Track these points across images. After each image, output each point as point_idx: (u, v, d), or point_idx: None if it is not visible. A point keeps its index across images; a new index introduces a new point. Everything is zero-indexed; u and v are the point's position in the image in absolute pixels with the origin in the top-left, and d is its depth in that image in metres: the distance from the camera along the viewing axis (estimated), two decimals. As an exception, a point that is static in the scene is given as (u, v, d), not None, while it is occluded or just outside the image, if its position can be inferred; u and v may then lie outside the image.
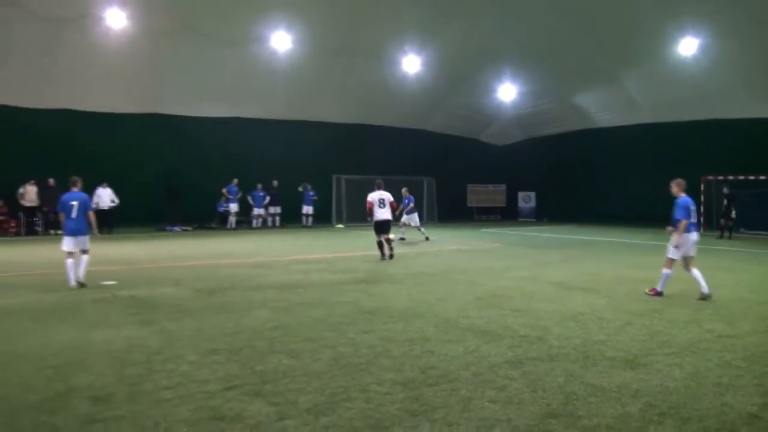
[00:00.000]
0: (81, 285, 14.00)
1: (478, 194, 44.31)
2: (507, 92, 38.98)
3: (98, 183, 29.88)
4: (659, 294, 12.29)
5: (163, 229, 31.69)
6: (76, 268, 14.14)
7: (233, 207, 33.88)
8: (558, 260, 18.92)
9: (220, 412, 6.10)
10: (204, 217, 33.83)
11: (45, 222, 29.64)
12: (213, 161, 34.03)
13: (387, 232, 19.43)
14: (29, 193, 29.40)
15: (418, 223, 27.79)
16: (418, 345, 8.62)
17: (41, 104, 30.67)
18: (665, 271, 12.32)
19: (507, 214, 43.65)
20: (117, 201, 30.37)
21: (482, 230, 32.77)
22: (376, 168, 35.38)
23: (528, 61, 34.49)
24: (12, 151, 29.80)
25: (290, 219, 35.32)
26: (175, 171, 32.89)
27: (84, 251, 14.53)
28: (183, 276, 15.55)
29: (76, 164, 28.09)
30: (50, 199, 27.54)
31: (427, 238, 26.66)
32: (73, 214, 14.41)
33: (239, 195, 33.96)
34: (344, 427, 5.69)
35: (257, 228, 34.19)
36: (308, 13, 30.29)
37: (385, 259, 18.79)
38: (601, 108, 37.21)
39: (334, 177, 35.96)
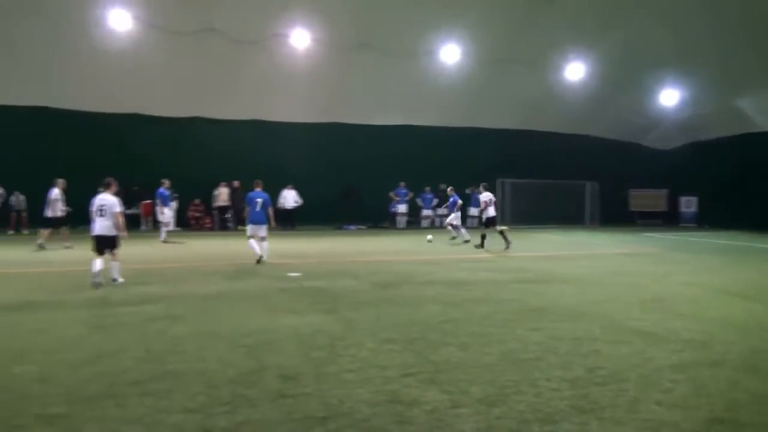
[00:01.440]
0: (260, 260, 17.01)
1: (640, 198, 42.45)
2: (669, 97, 37.19)
3: (284, 185, 31.49)
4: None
5: (340, 228, 32.71)
6: (260, 248, 17.16)
7: (402, 208, 34.49)
8: (719, 266, 17.86)
9: (398, 396, 6.23)
10: (377, 217, 34.67)
11: (236, 219, 31.39)
12: (386, 165, 34.69)
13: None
14: (222, 194, 31.56)
15: (459, 225, 25.86)
16: (585, 344, 8.41)
17: (232, 116, 32.67)
18: None
19: (668, 219, 41.64)
20: (300, 201, 31.87)
21: (644, 235, 31.46)
22: (539, 172, 34.84)
23: (690, 66, 32.78)
24: (207, 156, 31.73)
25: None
26: (352, 174, 33.92)
27: (263, 238, 17.40)
28: (360, 270, 15.94)
29: (263, 169, 29.85)
30: (238, 199, 29.42)
31: (466, 241, 24.59)
32: (257, 208, 17.40)
33: (409, 197, 34.48)
34: (515, 419, 5.66)
35: (426, 228, 34.53)
36: (475, 26, 30.33)
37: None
38: (764, 112, 34.80)
39: (499, 180, 35.67)
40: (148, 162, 29.82)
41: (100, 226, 13.37)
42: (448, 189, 25.84)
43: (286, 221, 32.04)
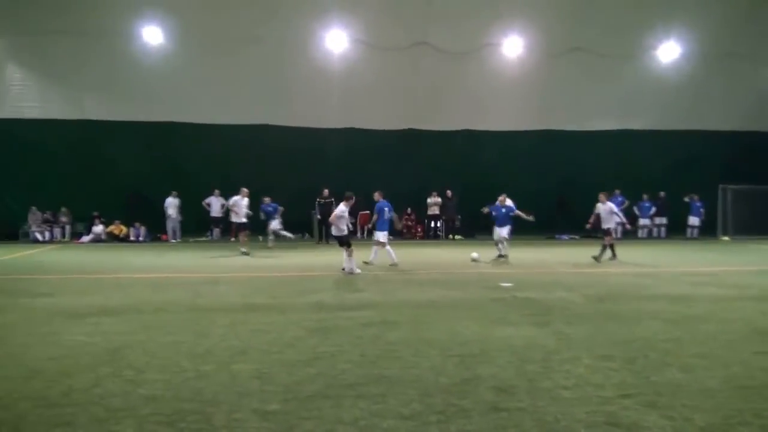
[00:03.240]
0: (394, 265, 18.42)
1: None
2: None
3: (499, 193, 31.36)
4: None
5: (553, 237, 31.99)
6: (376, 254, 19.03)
7: (617, 218, 33.04)
8: None
9: (615, 418, 5.91)
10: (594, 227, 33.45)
11: (445, 228, 31.70)
12: (601, 172, 33.46)
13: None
14: (434, 204, 32.04)
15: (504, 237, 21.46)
16: (827, 372, 7.58)
17: (445, 126, 33.05)
18: None
19: None
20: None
21: None
22: (765, 177, 32.09)
23: None
24: (418, 167, 32.31)
25: (676, 230, 33.48)
26: (566, 182, 33.09)
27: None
28: (573, 282, 15.48)
29: (475, 177, 29.96)
30: (448, 208, 29.77)
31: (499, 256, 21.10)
32: (384, 217, 19.02)
33: (625, 205, 33.07)
34: (744, 452, 5.18)
35: (642, 238, 32.96)
36: (696, 19, 28.63)
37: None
38: None
39: (720, 187, 33.21)
40: (360, 172, 30.95)
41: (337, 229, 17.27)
42: (500, 197, 22.25)
43: None
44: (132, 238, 30.45)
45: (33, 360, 8.19)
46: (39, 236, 29.91)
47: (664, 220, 33.70)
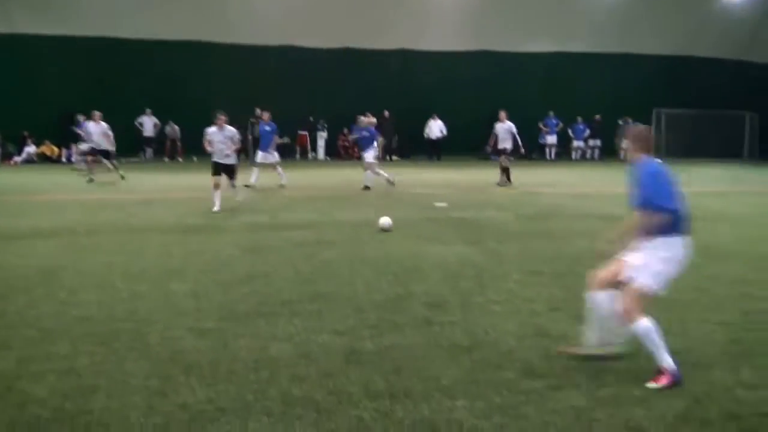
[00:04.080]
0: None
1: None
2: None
3: (429, 115, 31.51)
4: None
5: (488, 158, 32.07)
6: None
7: (551, 139, 33.47)
8: None
9: (545, 330, 6.10)
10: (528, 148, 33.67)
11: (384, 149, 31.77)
12: (534, 95, 33.51)
13: None
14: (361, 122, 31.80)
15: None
16: (737, 287, 7.91)
17: (382, 45, 32.60)
18: None
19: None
20: (445, 132, 31.66)
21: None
22: (696, 102, 32.72)
23: None
24: (357, 88, 31.87)
25: (610, 153, 33.91)
26: (499, 104, 32.94)
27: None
28: (506, 202, 15.72)
29: (410, 99, 29.84)
30: (387, 129, 29.57)
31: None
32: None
33: (559, 128, 33.44)
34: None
35: (576, 160, 33.47)
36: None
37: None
38: None
39: (655, 111, 33.71)
40: (299, 92, 30.51)
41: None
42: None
43: (431, 152, 31.91)
44: (64, 160, 29.58)
45: (-38, 282, 8.00)
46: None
47: (598, 143, 34.16)
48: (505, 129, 20.59)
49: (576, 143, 34.10)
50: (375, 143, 18.91)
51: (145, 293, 7.38)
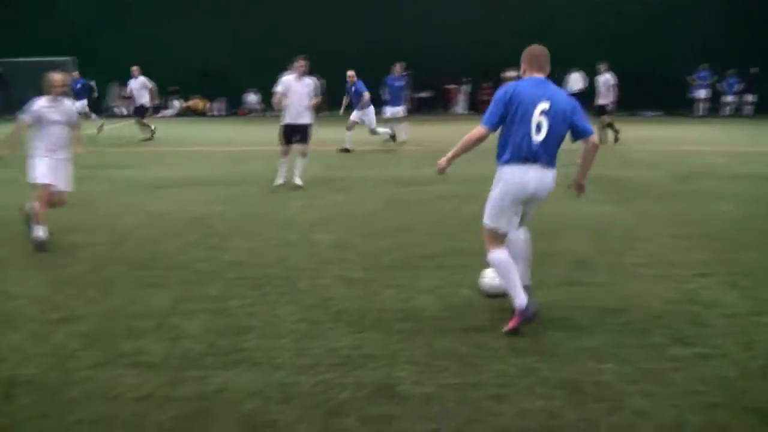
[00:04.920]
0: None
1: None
2: None
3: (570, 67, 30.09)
4: None
5: (634, 114, 30.83)
6: None
7: (702, 93, 31.57)
8: None
9: (694, 296, 5.84)
10: (674, 103, 32.04)
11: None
12: (684, 46, 31.40)
13: None
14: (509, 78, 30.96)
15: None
16: None
17: None
18: None
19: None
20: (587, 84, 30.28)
21: None
22: None
23: None
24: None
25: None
26: (648, 56, 31.30)
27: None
28: (656, 160, 15.11)
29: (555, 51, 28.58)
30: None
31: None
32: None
33: (712, 80, 31.44)
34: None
35: (727, 116, 31.49)
36: None
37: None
38: None
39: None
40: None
41: None
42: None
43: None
44: (210, 113, 30.91)
45: (120, 227, 8.62)
46: (121, 111, 30.60)
47: (753, 98, 31.97)
48: (603, 83, 19.09)
49: (728, 98, 32.00)
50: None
51: (292, 242, 7.69)
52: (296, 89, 11.33)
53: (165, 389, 4.13)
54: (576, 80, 29.77)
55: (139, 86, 20.06)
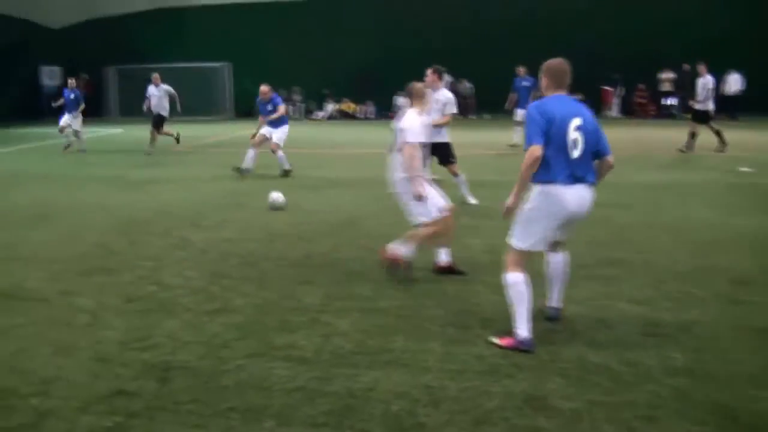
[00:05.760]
0: None
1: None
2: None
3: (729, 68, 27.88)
4: None
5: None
6: None
7: None
8: None
9: None
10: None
11: (681, 106, 28.94)
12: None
13: None
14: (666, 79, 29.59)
15: None
16: None
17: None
18: None
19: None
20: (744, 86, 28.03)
21: None
22: None
23: None
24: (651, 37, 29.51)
25: None
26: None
27: None
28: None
29: (708, 49, 26.53)
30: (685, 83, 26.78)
31: None
32: None
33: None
34: None
35: None
36: None
37: None
38: None
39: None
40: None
41: None
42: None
43: (729, 109, 28.03)
44: (361, 116, 31.51)
45: (273, 225, 8.91)
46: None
47: None
48: (701, 85, 17.05)
49: None
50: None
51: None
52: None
53: (315, 383, 4.22)
54: (735, 81, 27.75)
55: (161, 94, 18.36)
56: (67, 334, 5.19)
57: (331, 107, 31.80)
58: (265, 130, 13.80)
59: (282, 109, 13.87)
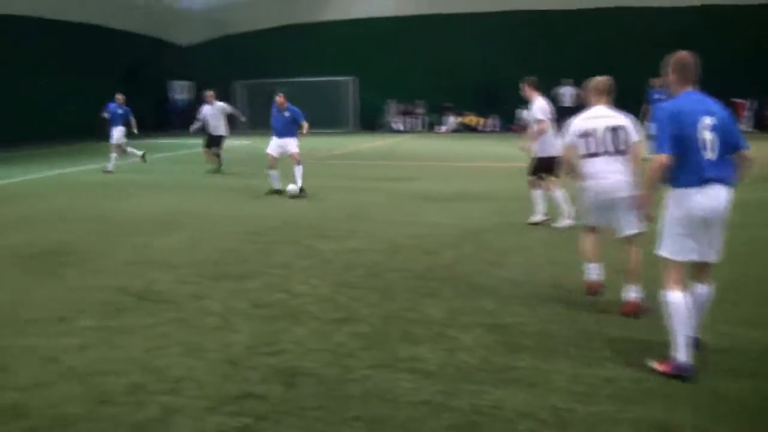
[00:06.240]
0: None
1: None
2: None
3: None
4: None
5: None
6: None
7: None
8: None
9: None
10: None
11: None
12: None
13: None
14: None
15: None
16: None
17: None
18: None
19: None
20: None
21: None
22: None
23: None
24: None
25: None
26: None
27: None
28: None
29: None
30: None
31: None
32: None
33: None
34: None
35: None
36: None
37: None
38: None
39: None
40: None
41: None
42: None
43: None
44: (484, 129, 31.33)
45: (397, 236, 8.94)
46: (397, 126, 32.08)
47: None
48: None
49: None
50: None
51: (568, 263, 7.25)
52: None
53: (440, 398, 4.18)
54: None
55: (217, 112, 17.22)
56: (197, 336, 5.38)
57: (452, 120, 31.78)
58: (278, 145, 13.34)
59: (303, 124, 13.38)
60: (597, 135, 5.81)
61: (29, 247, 8.72)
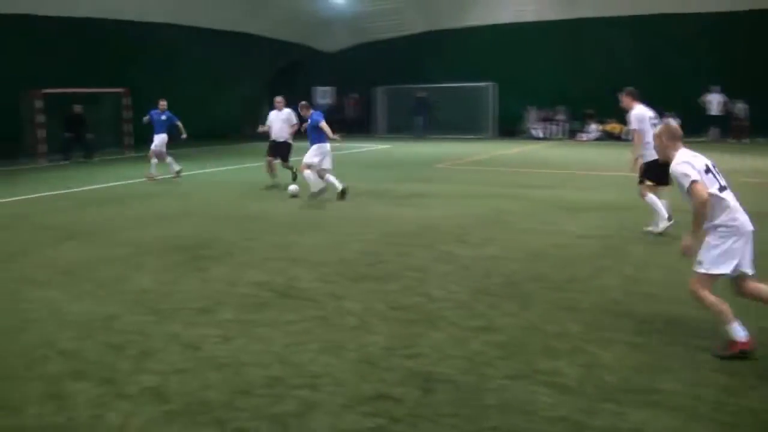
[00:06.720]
0: None
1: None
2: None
3: None
4: None
5: None
6: None
7: None
8: None
9: None
10: None
11: None
12: None
13: None
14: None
15: None
16: None
17: None
18: None
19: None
20: None
21: None
22: None
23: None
24: None
25: None
26: None
27: None
28: None
29: None
30: None
31: None
32: None
33: None
34: None
35: None
36: None
37: None
38: None
39: None
40: None
41: None
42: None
43: None
44: (626, 137, 30.32)
45: (535, 245, 8.84)
46: (537, 133, 31.57)
47: None
48: None
49: None
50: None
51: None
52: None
53: (579, 416, 4.11)
54: None
55: (284, 119, 15.89)
56: (335, 334, 5.54)
57: (594, 127, 30.93)
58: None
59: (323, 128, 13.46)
60: (714, 168, 5.22)
61: (175, 240, 9.30)
